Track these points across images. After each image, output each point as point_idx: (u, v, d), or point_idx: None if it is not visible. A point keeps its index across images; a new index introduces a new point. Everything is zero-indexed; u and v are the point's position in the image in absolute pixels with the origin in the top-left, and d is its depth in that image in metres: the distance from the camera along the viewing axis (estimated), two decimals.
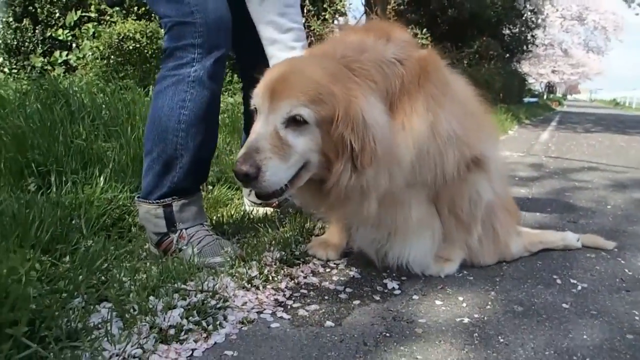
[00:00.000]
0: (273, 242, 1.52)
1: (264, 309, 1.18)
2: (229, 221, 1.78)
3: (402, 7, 8.63)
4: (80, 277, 1.07)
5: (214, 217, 1.81)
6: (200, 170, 1.52)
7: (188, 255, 1.36)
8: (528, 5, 16.23)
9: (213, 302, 1.14)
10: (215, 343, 1.02)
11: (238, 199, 2.12)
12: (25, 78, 4.53)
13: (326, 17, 6.57)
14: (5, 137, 1.93)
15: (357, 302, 1.25)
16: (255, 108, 1.15)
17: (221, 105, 4.20)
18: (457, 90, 1.41)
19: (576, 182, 3.05)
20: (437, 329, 1.12)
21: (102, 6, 4.74)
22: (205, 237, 1.43)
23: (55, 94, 2.80)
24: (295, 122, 1.09)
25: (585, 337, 1.11)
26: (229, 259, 1.37)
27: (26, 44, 4.63)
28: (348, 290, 1.32)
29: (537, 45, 20.71)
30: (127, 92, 3.36)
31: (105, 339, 0.94)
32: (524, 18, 16.65)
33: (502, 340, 1.08)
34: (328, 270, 1.45)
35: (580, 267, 1.55)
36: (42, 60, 4.59)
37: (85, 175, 1.90)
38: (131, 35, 4.06)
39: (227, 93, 5.19)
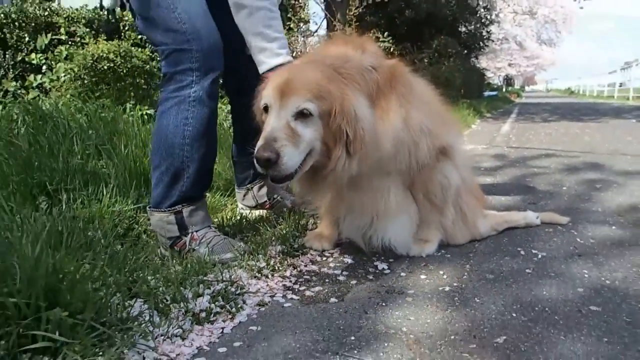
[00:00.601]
0: (273, 238, 1.72)
1: (275, 293, 1.37)
2: (229, 223, 1.96)
3: (361, 10, 8.89)
4: (115, 277, 1.24)
5: (215, 221, 1.98)
6: (205, 178, 1.69)
7: (201, 254, 1.53)
8: (481, 3, 16.75)
9: (232, 290, 1.32)
10: (240, 322, 1.20)
11: (231, 204, 2.29)
12: (3, 102, 4.56)
13: (291, 26, 6.78)
14: (11, 160, 2.06)
15: (354, 282, 1.46)
16: (266, 106, 1.34)
17: None
18: (421, 91, 1.64)
19: (535, 168, 3.34)
20: (424, 297, 1.33)
21: (72, 28, 4.81)
22: (214, 237, 1.61)
23: (43, 117, 2.92)
24: (302, 115, 1.30)
25: (544, 293, 1.34)
26: (238, 255, 1.55)
27: None
28: (345, 273, 1.52)
29: (492, 41, 21.41)
30: (105, 110, 3.47)
31: (149, 324, 1.11)
32: (478, 15, 17.19)
33: (477, 300, 1.30)
34: (324, 258, 1.65)
35: (540, 239, 1.80)
36: (15, 84, 4.63)
37: (88, 192, 2.04)
38: (105, 55, 4.16)
39: None
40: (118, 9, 1.76)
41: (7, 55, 4.67)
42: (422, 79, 1.69)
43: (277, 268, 1.51)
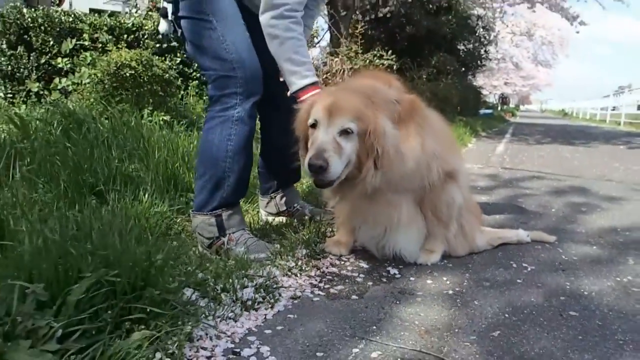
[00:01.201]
0: (298, 242, 1.96)
1: (305, 289, 1.61)
2: (255, 227, 2.20)
3: (366, 27, 9.22)
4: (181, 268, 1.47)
5: None
6: (243, 187, 1.93)
7: (238, 253, 1.77)
8: (480, 23, 17.15)
9: (270, 284, 1.56)
10: (279, 310, 1.44)
11: (252, 210, 2.53)
12: (22, 102, 4.79)
13: None
14: (63, 162, 2.29)
15: (370, 283, 1.70)
16: (315, 123, 1.60)
17: None
18: (433, 121, 1.89)
19: (527, 189, 3.61)
20: (431, 298, 1.58)
21: (95, 35, 5.05)
22: (248, 238, 1.85)
23: (78, 121, 3.15)
24: (345, 132, 1.57)
25: (532, 299, 1.59)
26: (271, 255, 1.79)
27: (21, 70, 4.87)
28: (362, 275, 1.77)
29: (490, 60, 21.88)
30: (125, 115, 3.69)
31: (209, 308, 1.35)
32: (477, 34, 17.58)
33: (476, 303, 1.55)
34: (343, 262, 1.90)
35: (530, 255, 2.05)
36: (38, 85, 4.85)
37: (127, 193, 2.27)
38: (127, 62, 4.40)
39: None
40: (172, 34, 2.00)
41: (31, 58, 4.90)
42: (434, 112, 1.95)
43: (303, 268, 1.76)
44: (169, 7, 1.89)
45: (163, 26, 1.95)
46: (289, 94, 1.93)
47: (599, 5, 13.03)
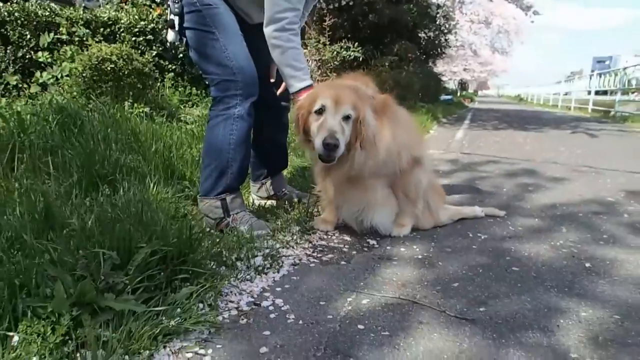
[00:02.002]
0: (291, 221, 2.30)
1: (302, 258, 1.95)
2: (250, 210, 2.51)
3: (330, 18, 9.50)
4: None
5: None
6: (243, 174, 2.25)
7: (242, 230, 2.09)
8: (440, 12, 17.65)
9: (274, 254, 1.89)
10: (283, 274, 1.78)
11: (244, 195, 2.84)
12: (0, 96, 4.88)
13: None
14: (73, 155, 2.53)
15: (354, 252, 2.06)
16: (321, 108, 1.94)
17: (188, 117, 4.91)
18: (402, 116, 2.26)
19: (483, 173, 4.04)
20: (404, 261, 1.95)
21: (73, 29, 5.17)
22: (250, 218, 2.17)
23: (71, 115, 3.35)
24: (346, 118, 1.92)
25: (484, 260, 1.98)
26: (270, 231, 2.12)
27: None
28: (347, 246, 2.12)
29: (450, 47, 22.54)
30: (106, 107, 3.89)
31: (231, 272, 1.67)
32: (437, 23, 18.11)
33: (440, 264, 1.93)
34: (330, 236, 2.25)
35: (483, 226, 2.46)
36: (16, 78, 4.95)
37: (135, 182, 2.54)
38: (108, 57, 4.58)
39: (189, 103, 5.77)
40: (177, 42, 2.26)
41: (8, 51, 4.98)
42: (402, 108, 2.31)
43: (298, 242, 2.10)
44: (176, 19, 2.16)
45: (170, 35, 2.22)
46: (283, 91, 2.26)
47: None
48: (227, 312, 1.46)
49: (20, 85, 4.96)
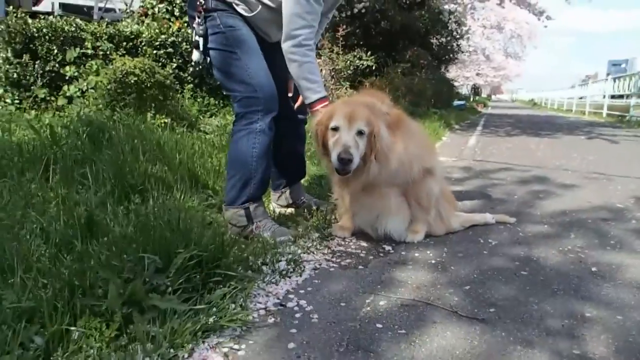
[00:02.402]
0: (310, 227, 2.43)
1: (322, 263, 2.08)
2: (272, 217, 2.65)
3: (343, 26, 9.63)
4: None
5: None
6: (265, 184, 2.39)
7: (266, 237, 2.23)
8: (452, 18, 17.74)
9: (296, 259, 2.03)
10: (305, 278, 1.91)
11: (265, 203, 2.98)
12: (29, 108, 5.11)
13: None
14: (105, 166, 2.70)
15: (371, 257, 2.19)
16: (336, 127, 2.07)
17: (207, 127, 5.10)
18: (415, 129, 2.39)
19: (495, 180, 4.14)
20: (419, 265, 2.08)
21: (97, 43, 5.39)
22: (272, 225, 2.31)
23: (100, 128, 3.53)
24: (360, 133, 2.06)
25: (494, 264, 2.09)
26: (292, 238, 2.26)
27: (27, 77, 5.18)
28: (363, 252, 2.25)
29: (462, 52, 22.62)
30: (130, 119, 4.08)
31: (257, 275, 1.81)
32: (449, 29, 18.19)
33: (453, 268, 2.05)
34: (347, 242, 2.38)
35: (494, 233, 2.57)
36: (44, 91, 5.18)
37: (163, 192, 2.69)
38: (132, 70, 4.78)
39: (207, 113, 5.96)
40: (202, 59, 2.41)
41: (36, 65, 5.22)
42: (414, 122, 2.44)
43: (317, 247, 2.23)
44: (200, 40, 2.31)
45: (195, 55, 2.37)
46: (300, 105, 2.41)
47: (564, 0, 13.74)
48: (256, 312, 1.59)
49: (48, 98, 5.18)
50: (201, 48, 2.34)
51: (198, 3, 2.27)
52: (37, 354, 1.17)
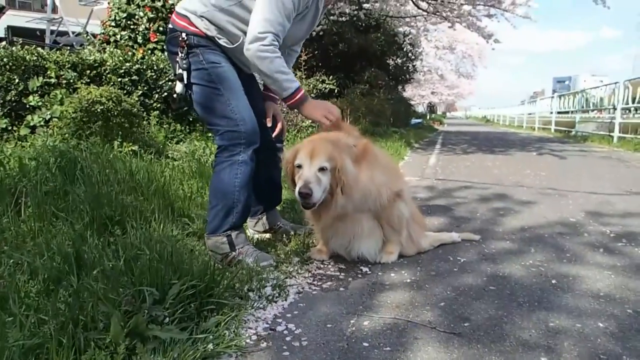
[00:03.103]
0: (290, 252, 2.53)
1: (304, 287, 2.18)
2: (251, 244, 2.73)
3: (309, 55, 9.85)
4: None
5: None
6: (246, 212, 2.47)
7: (249, 263, 2.31)
8: (407, 40, 18.34)
9: (280, 284, 2.12)
10: (290, 302, 2.00)
11: None
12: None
13: None
14: (82, 198, 2.71)
15: (350, 279, 2.30)
16: (300, 164, 2.19)
17: (175, 153, 5.13)
18: (382, 157, 2.54)
19: (457, 198, 4.36)
20: (395, 285, 2.20)
21: (61, 72, 5.34)
22: (254, 251, 2.39)
23: (71, 159, 3.52)
24: (322, 169, 2.16)
25: (465, 281, 2.25)
26: (274, 263, 2.35)
27: None
28: (342, 274, 2.36)
29: (417, 72, 23.39)
30: (96, 147, 4.06)
31: (245, 302, 1.89)
32: (404, 50, 18.82)
33: (427, 286, 2.19)
34: (326, 265, 2.48)
35: (461, 250, 2.73)
36: (6, 121, 5.08)
37: (141, 222, 2.72)
38: (98, 99, 4.77)
39: (174, 140, 5.97)
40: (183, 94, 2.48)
41: None
42: (382, 149, 2.59)
43: (299, 271, 2.33)
44: (184, 74, 2.39)
45: (179, 87, 2.43)
46: (278, 133, 2.52)
47: (510, 24, 14.48)
48: (248, 337, 1.67)
49: (9, 128, 5.08)
50: (185, 81, 2.41)
51: (180, 39, 2.36)
52: None
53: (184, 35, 2.36)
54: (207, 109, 2.41)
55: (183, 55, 2.36)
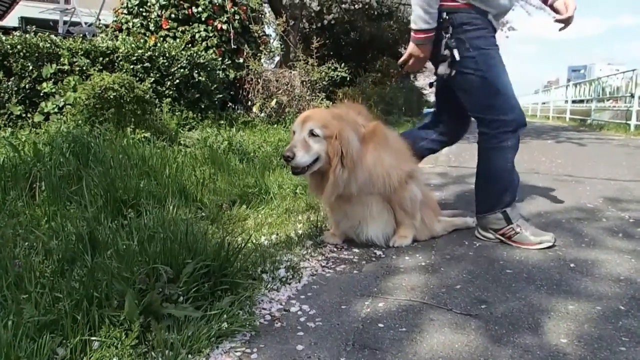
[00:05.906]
0: (303, 235, 2.51)
1: (318, 269, 2.16)
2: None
3: (315, 38, 9.77)
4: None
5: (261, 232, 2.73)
6: (516, 190, 2.53)
7: (527, 235, 2.43)
8: None
9: (294, 266, 2.10)
10: (304, 284, 1.99)
11: (254, 215, 3.04)
12: (4, 126, 5.04)
13: (261, 58, 7.59)
14: (97, 182, 2.72)
15: (364, 262, 2.28)
16: (294, 130, 2.20)
17: (188, 140, 5.13)
18: (391, 140, 2.49)
19: (471, 184, 4.27)
20: (410, 268, 2.18)
21: (74, 59, 5.36)
22: (529, 225, 2.51)
23: (85, 145, 3.53)
24: (313, 135, 2.16)
25: (480, 264, 2.22)
26: (551, 239, 2.45)
27: (1, 94, 5.12)
28: (356, 258, 2.34)
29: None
30: (110, 134, 4.09)
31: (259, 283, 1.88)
32: None
33: (442, 269, 2.16)
34: (339, 249, 2.46)
35: (475, 235, 2.70)
36: (20, 108, 5.12)
37: (155, 206, 2.72)
38: (110, 85, 4.77)
39: (186, 127, 5.98)
40: None
41: (10, 82, 5.15)
42: (393, 132, 2.56)
43: (312, 255, 2.31)
44: (455, 52, 2.32)
45: (442, 69, 2.39)
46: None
47: (525, 12, 14.26)
48: (262, 317, 1.66)
49: (23, 115, 5.12)
50: (454, 59, 2.34)
51: (442, 20, 2.32)
52: None
53: (444, 15, 2.32)
54: (473, 96, 2.43)
55: (449, 36, 2.32)
